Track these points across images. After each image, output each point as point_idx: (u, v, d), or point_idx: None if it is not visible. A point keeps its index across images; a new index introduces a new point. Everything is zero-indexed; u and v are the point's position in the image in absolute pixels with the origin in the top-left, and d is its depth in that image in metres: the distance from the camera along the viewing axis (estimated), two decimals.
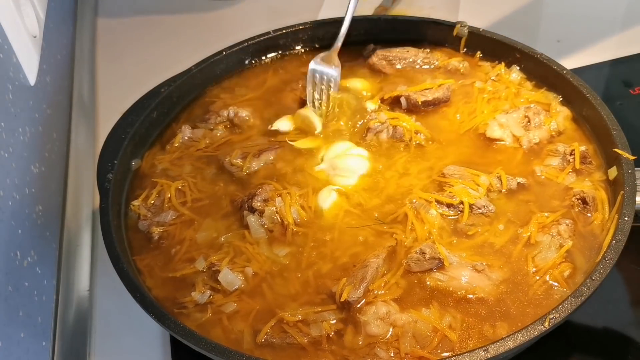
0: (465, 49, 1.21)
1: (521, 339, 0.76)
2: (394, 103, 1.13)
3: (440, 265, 0.88)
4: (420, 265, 0.88)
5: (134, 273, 0.90)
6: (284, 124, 1.13)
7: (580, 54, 1.40)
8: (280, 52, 1.26)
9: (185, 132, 1.11)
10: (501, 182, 0.96)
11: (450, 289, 0.86)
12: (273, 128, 1.12)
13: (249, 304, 0.87)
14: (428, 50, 1.22)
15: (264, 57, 1.26)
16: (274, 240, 0.94)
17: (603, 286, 0.80)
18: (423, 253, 0.88)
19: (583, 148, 1.00)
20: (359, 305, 0.85)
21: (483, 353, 0.74)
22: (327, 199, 0.98)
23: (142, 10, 1.72)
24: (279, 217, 0.96)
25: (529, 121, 1.06)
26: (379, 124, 1.08)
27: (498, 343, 0.75)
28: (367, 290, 0.86)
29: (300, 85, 1.19)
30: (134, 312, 0.85)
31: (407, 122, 1.07)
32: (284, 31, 1.25)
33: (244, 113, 1.14)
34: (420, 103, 1.12)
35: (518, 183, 0.97)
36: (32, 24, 1.18)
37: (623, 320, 0.97)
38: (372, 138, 1.07)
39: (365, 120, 1.10)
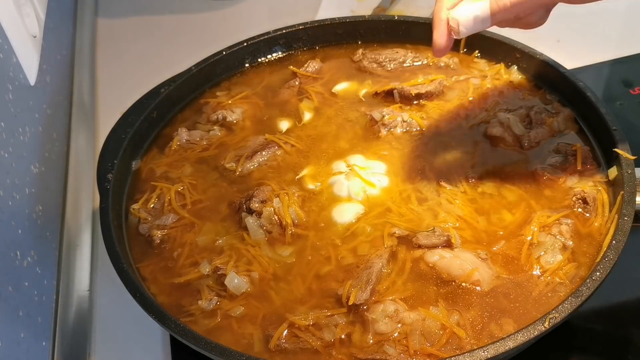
0: (465, 49, 1.21)
1: (521, 339, 0.76)
2: (387, 97, 1.15)
3: (447, 244, 0.89)
4: (429, 240, 0.90)
5: (136, 277, 0.89)
6: (284, 123, 1.13)
7: (580, 54, 1.40)
8: (279, 52, 1.26)
9: (182, 135, 1.11)
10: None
11: (452, 270, 0.87)
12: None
13: (257, 308, 0.87)
14: (417, 49, 1.23)
15: (263, 57, 1.26)
16: (274, 242, 0.94)
17: (603, 286, 0.80)
18: (433, 230, 0.91)
19: (585, 149, 1.00)
20: (365, 307, 0.85)
21: (483, 353, 0.75)
22: (344, 215, 0.97)
23: (142, 10, 1.72)
24: (277, 218, 0.96)
25: (530, 120, 1.06)
26: (392, 120, 1.08)
27: (498, 343, 0.75)
28: (374, 291, 0.86)
29: (298, 82, 1.20)
30: (134, 312, 0.85)
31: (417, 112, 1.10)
32: (284, 31, 1.25)
33: (234, 115, 1.14)
34: (413, 95, 1.12)
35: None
36: (32, 24, 1.18)
37: (623, 320, 0.97)
38: (385, 134, 1.08)
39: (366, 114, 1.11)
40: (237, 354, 0.77)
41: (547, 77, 1.12)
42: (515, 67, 1.16)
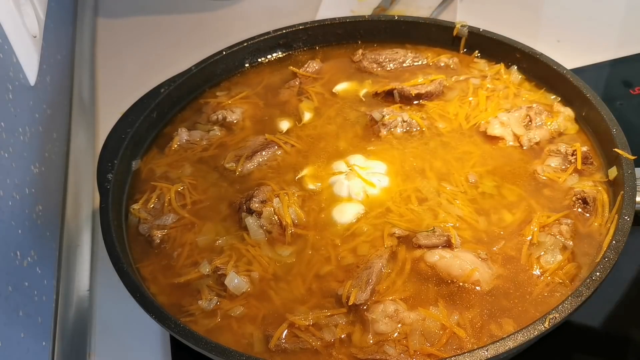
0: (465, 49, 1.21)
1: (521, 339, 0.76)
2: (387, 97, 1.15)
3: (447, 244, 0.89)
4: (429, 240, 0.90)
5: (136, 277, 0.89)
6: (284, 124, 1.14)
7: (580, 54, 1.41)
8: (279, 52, 1.26)
9: (182, 135, 1.11)
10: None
11: (452, 270, 0.87)
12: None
13: (257, 308, 0.87)
14: (417, 49, 1.23)
15: (263, 57, 1.26)
16: (274, 242, 0.94)
17: (603, 286, 0.80)
18: (433, 230, 0.91)
19: (585, 148, 1.00)
20: (365, 307, 0.85)
21: (483, 353, 0.75)
22: (344, 215, 0.97)
23: (142, 10, 1.72)
24: (277, 218, 0.96)
25: (530, 120, 1.06)
26: (392, 120, 1.08)
27: (498, 343, 0.75)
28: (374, 291, 0.86)
29: (298, 83, 1.20)
30: (134, 312, 0.85)
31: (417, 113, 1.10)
32: (284, 31, 1.25)
33: (234, 115, 1.14)
34: (413, 95, 1.13)
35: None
36: (32, 24, 1.18)
37: (623, 320, 0.97)
38: (385, 134, 1.08)
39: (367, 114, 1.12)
40: (237, 354, 0.77)
41: (547, 77, 1.12)
42: (515, 67, 1.16)
